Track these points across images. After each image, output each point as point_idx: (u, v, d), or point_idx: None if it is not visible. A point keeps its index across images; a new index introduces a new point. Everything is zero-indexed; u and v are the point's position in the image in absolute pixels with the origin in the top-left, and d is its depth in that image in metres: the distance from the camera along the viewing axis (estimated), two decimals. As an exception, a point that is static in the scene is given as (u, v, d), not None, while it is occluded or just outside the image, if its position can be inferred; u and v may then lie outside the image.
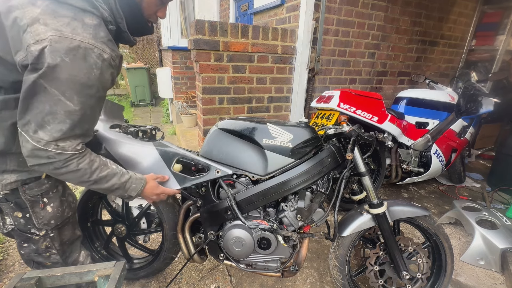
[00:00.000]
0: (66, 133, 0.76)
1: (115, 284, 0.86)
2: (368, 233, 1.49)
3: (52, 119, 0.73)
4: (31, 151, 0.75)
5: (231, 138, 1.27)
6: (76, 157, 0.81)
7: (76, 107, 0.75)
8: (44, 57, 0.68)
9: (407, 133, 2.40)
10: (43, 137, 0.74)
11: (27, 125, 0.73)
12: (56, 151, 0.76)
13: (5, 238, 1.93)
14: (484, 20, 3.80)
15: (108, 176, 0.90)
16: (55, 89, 0.71)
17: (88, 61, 0.73)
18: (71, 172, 0.82)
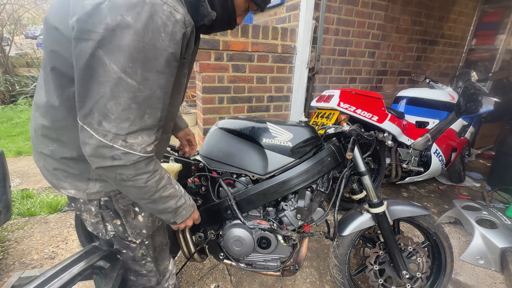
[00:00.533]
0: (135, 123, 0.61)
1: (112, 282, 0.86)
2: (368, 232, 1.49)
3: (115, 106, 0.58)
4: (95, 149, 0.60)
5: (231, 138, 1.27)
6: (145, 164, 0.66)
7: (141, 86, 0.59)
8: (101, 16, 0.54)
9: (407, 133, 2.40)
10: (110, 129, 0.59)
11: (90, 115, 0.59)
12: (123, 150, 0.61)
13: (5, 237, 1.93)
14: (485, 19, 3.79)
15: (169, 197, 0.77)
16: (114, 64, 0.56)
17: (155, 22, 0.57)
18: (136, 188, 0.69)
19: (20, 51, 8.70)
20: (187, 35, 0.65)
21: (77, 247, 1.85)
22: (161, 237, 1.04)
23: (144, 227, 0.92)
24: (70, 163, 0.77)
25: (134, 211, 0.89)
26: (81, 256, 0.90)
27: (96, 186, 0.79)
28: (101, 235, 0.92)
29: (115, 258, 0.98)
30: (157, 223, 0.97)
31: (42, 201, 2.36)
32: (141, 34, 0.56)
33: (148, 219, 0.93)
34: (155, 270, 1.03)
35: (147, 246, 0.97)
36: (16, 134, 4.30)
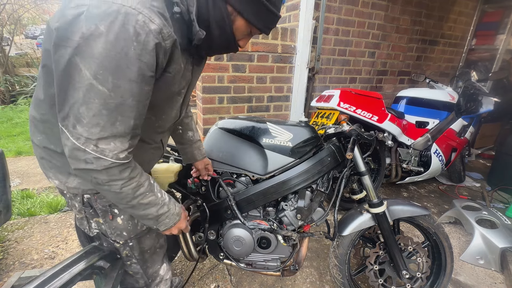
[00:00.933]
0: (106, 129, 0.62)
1: (112, 282, 0.86)
2: (368, 232, 1.49)
3: (86, 110, 0.60)
4: (71, 150, 0.64)
5: (231, 138, 1.27)
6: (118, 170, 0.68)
7: (112, 93, 0.60)
8: (78, 25, 0.56)
9: (407, 133, 2.40)
10: (82, 133, 0.61)
11: (67, 118, 0.61)
12: (94, 154, 0.63)
13: (5, 237, 1.93)
14: (485, 19, 3.79)
15: (149, 204, 0.78)
16: (86, 70, 0.57)
17: (128, 30, 0.57)
18: (112, 193, 0.71)
19: (20, 51, 8.70)
20: (165, 47, 0.65)
21: (77, 247, 1.85)
22: (152, 240, 1.03)
23: (124, 230, 0.92)
24: (54, 154, 0.81)
25: (113, 212, 0.89)
26: (81, 256, 0.90)
27: (75, 182, 0.82)
28: (86, 231, 0.94)
29: (115, 258, 0.98)
30: (139, 228, 0.95)
31: (42, 201, 2.36)
32: (112, 42, 0.57)
33: (128, 223, 0.92)
34: (141, 273, 1.03)
35: (131, 247, 0.97)
36: (16, 134, 4.30)
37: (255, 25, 0.77)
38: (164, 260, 1.12)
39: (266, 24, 0.79)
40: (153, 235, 1.03)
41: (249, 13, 0.73)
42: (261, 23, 0.77)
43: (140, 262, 1.01)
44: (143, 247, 1.00)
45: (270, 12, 0.76)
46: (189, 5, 0.69)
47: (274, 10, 0.76)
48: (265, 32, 0.81)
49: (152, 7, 0.61)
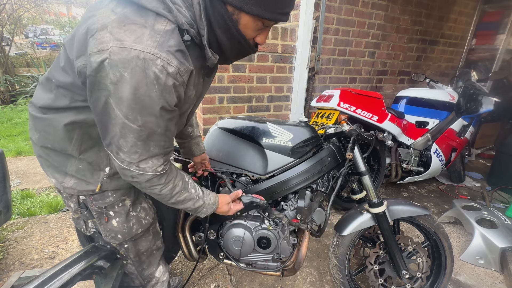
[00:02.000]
0: (144, 154, 0.73)
1: (112, 282, 0.86)
2: (368, 232, 1.49)
3: (124, 143, 0.69)
4: (119, 169, 0.76)
5: (231, 137, 1.27)
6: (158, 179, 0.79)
7: (142, 128, 0.68)
8: (105, 71, 0.61)
9: (407, 133, 2.40)
10: (125, 158, 0.72)
11: (110, 146, 0.72)
12: (138, 172, 0.74)
13: (5, 237, 1.93)
14: (485, 19, 3.79)
15: (185, 200, 0.90)
16: (119, 111, 0.65)
17: (149, 76, 0.62)
18: (154, 194, 0.83)
19: (20, 51, 8.70)
20: (183, 81, 0.70)
21: (77, 247, 1.85)
22: (149, 242, 1.03)
23: (118, 232, 0.92)
24: (51, 153, 0.83)
25: (108, 214, 0.90)
26: (81, 256, 0.90)
27: (71, 182, 0.84)
28: (83, 230, 0.96)
29: (115, 257, 0.98)
30: (134, 231, 0.96)
31: (42, 201, 2.36)
32: (136, 87, 0.62)
33: (123, 225, 0.92)
34: (136, 274, 1.03)
35: (126, 249, 0.97)
36: (16, 134, 4.30)
37: (263, 16, 0.68)
38: (160, 262, 1.12)
39: (276, 10, 0.68)
40: (149, 237, 1.03)
41: (251, 6, 0.65)
42: (269, 11, 0.67)
43: (136, 263, 1.01)
44: (139, 249, 1.00)
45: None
46: (200, 28, 0.69)
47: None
48: (280, 19, 0.71)
49: (170, 48, 0.64)
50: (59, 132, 0.78)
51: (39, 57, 7.75)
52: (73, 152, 0.81)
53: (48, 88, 0.79)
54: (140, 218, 0.98)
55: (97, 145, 0.83)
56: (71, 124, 0.77)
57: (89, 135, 0.81)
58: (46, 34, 14.47)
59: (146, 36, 0.62)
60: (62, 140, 0.79)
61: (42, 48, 10.88)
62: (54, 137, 0.80)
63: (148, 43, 0.61)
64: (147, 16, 0.64)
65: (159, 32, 0.63)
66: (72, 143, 0.80)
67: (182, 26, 0.66)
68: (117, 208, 0.91)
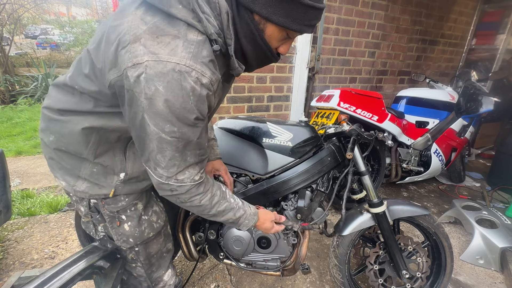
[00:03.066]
0: (181, 166, 0.73)
1: (112, 282, 0.86)
2: (368, 232, 1.49)
3: (162, 157, 0.70)
4: (157, 184, 0.76)
5: (231, 137, 1.27)
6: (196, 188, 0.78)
7: (179, 139, 0.68)
8: (141, 87, 0.61)
9: (407, 132, 2.40)
10: (163, 173, 0.73)
11: (148, 162, 0.73)
12: (176, 184, 0.75)
13: (5, 237, 1.93)
14: (485, 19, 3.79)
15: (225, 210, 0.88)
16: (154, 126, 0.65)
17: (185, 88, 0.62)
18: (194, 207, 0.82)
19: (20, 50, 8.70)
20: (214, 90, 0.70)
21: (77, 247, 1.85)
22: (159, 245, 1.03)
23: (130, 236, 0.92)
24: (64, 156, 0.81)
25: (120, 219, 0.89)
26: (81, 256, 0.90)
27: (83, 186, 0.83)
28: (92, 234, 0.94)
29: (115, 258, 0.98)
30: (146, 235, 0.95)
31: (42, 201, 2.36)
32: (172, 100, 0.62)
33: (135, 229, 0.92)
34: (145, 276, 1.03)
35: (137, 252, 0.97)
36: (16, 134, 4.30)
37: (290, 27, 0.68)
38: (169, 266, 1.11)
39: (303, 22, 0.68)
40: (160, 240, 1.03)
41: (279, 16, 0.65)
42: (296, 23, 0.67)
43: (145, 266, 1.01)
44: (149, 252, 1.00)
45: (306, 7, 0.65)
46: (227, 37, 0.69)
47: (311, 3, 0.65)
48: (306, 31, 0.71)
49: (203, 59, 0.64)
50: (76, 135, 0.77)
51: (39, 57, 7.75)
52: (88, 156, 0.79)
53: (69, 92, 0.78)
54: (152, 222, 0.97)
55: (113, 149, 0.82)
56: (89, 129, 0.76)
57: (106, 139, 0.80)
58: (46, 34, 14.47)
59: (180, 47, 0.62)
60: (78, 144, 0.78)
61: (42, 48, 10.88)
62: (70, 140, 0.78)
63: (183, 55, 0.61)
64: (179, 26, 0.63)
65: (192, 43, 0.63)
66: (88, 147, 0.78)
67: (211, 36, 0.66)
68: (129, 212, 0.90)
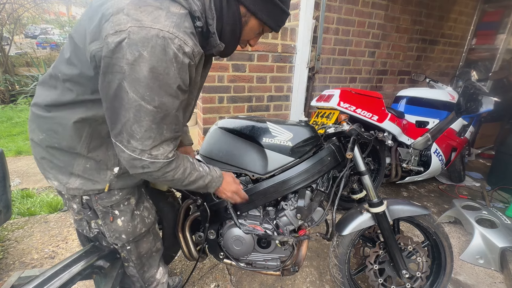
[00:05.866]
0: (157, 139, 0.72)
1: (112, 281, 0.86)
2: (368, 232, 1.49)
3: (138, 128, 0.69)
4: (128, 161, 0.74)
5: (231, 137, 1.27)
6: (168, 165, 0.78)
7: (158, 109, 0.68)
8: (122, 52, 0.61)
9: (407, 132, 2.40)
10: (137, 146, 0.71)
11: (120, 135, 0.71)
12: (150, 160, 0.73)
13: (5, 237, 1.93)
14: (485, 19, 3.79)
15: (196, 179, 0.91)
16: (134, 93, 0.65)
17: (168, 54, 0.64)
18: (168, 181, 0.83)
19: (20, 50, 8.69)
20: (196, 63, 0.73)
21: (77, 247, 1.85)
22: (149, 244, 1.03)
23: (123, 232, 0.92)
24: (56, 153, 0.81)
25: (113, 214, 0.89)
26: (81, 256, 0.90)
27: (76, 182, 0.82)
28: (85, 232, 0.94)
29: (115, 257, 0.98)
30: (139, 230, 0.95)
31: (42, 200, 2.36)
32: (156, 66, 0.63)
33: (128, 224, 0.92)
34: (137, 276, 1.03)
35: (128, 251, 0.97)
36: (16, 134, 4.30)
37: (268, 24, 0.82)
38: (160, 264, 1.12)
39: (277, 23, 0.84)
40: (150, 238, 1.03)
41: (263, 13, 0.78)
42: (274, 22, 0.82)
43: (137, 266, 1.01)
44: (140, 251, 1.00)
45: (282, 11, 0.81)
46: (208, 17, 0.75)
47: (285, 9, 0.81)
48: (277, 30, 0.87)
49: (186, 29, 0.68)
50: (68, 130, 0.77)
51: (39, 56, 7.74)
52: (81, 151, 0.79)
53: (52, 85, 0.78)
54: (144, 217, 0.98)
55: (106, 144, 0.82)
56: (80, 122, 0.76)
57: (99, 133, 0.80)
58: (46, 33, 14.46)
59: (163, 17, 0.64)
60: (71, 138, 0.78)
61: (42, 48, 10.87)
62: (63, 135, 0.78)
63: (166, 23, 0.64)
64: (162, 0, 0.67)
65: (174, 14, 0.66)
66: (81, 141, 0.79)
67: (195, 13, 0.71)
68: (123, 207, 0.91)
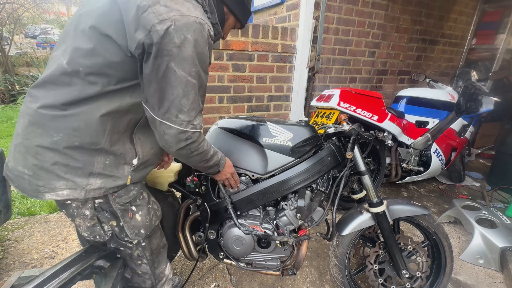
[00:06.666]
0: (197, 109, 0.82)
1: (112, 281, 0.86)
2: (368, 232, 1.49)
3: (186, 101, 0.77)
4: (174, 136, 0.80)
5: (231, 137, 1.27)
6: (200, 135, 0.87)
7: (199, 83, 0.79)
8: (170, 37, 0.70)
9: (407, 132, 2.40)
10: (184, 119, 0.79)
11: (168, 112, 0.77)
12: (192, 130, 0.82)
13: (5, 237, 1.93)
14: (485, 19, 3.79)
15: (213, 154, 0.99)
16: (182, 71, 0.74)
17: (204, 36, 0.76)
18: (199, 154, 0.90)
19: (20, 50, 8.69)
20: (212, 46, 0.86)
21: (77, 247, 1.85)
22: (158, 239, 1.05)
23: (142, 227, 0.93)
24: (75, 153, 0.76)
25: (132, 210, 0.90)
26: (81, 256, 0.90)
27: (98, 182, 0.80)
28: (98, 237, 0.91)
29: (115, 257, 0.98)
30: (154, 223, 0.98)
31: (42, 200, 2.36)
32: (196, 45, 0.75)
33: (146, 218, 0.94)
34: (150, 273, 1.03)
35: (143, 247, 0.98)
36: (16, 134, 4.30)
37: (241, 21, 1.02)
38: (167, 259, 1.14)
39: (246, 21, 1.04)
40: (158, 234, 1.04)
41: (240, 14, 0.98)
42: (244, 20, 1.03)
43: (150, 262, 1.02)
44: (152, 247, 1.01)
45: (249, 12, 1.02)
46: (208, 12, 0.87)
47: (251, 10, 1.02)
48: (243, 27, 1.08)
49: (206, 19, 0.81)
50: (94, 125, 0.76)
51: (39, 56, 7.74)
52: (105, 145, 0.78)
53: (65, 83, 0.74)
54: (155, 209, 1.01)
55: (122, 138, 0.84)
56: (106, 115, 0.76)
57: (118, 127, 0.81)
58: (46, 33, 14.45)
59: (192, 8, 0.77)
60: (96, 133, 0.77)
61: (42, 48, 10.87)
62: (86, 132, 0.75)
63: (197, 12, 0.77)
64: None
65: (197, 6, 0.80)
66: (105, 135, 0.78)
67: (204, 7, 0.84)
68: (139, 202, 0.93)
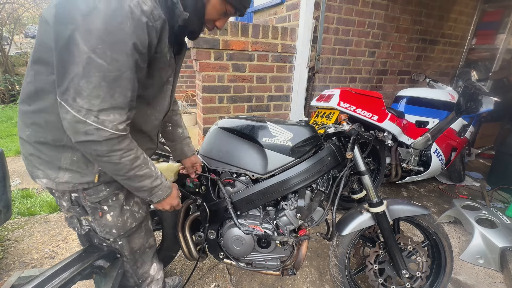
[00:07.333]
0: (106, 100, 0.65)
1: (112, 281, 0.86)
2: (368, 232, 1.49)
3: (86, 84, 0.62)
4: (70, 123, 0.66)
5: (231, 137, 1.27)
6: (117, 141, 0.70)
7: (110, 66, 0.63)
8: (76, 3, 0.60)
9: (407, 132, 2.40)
10: (83, 105, 0.63)
11: (66, 92, 0.63)
12: (95, 125, 0.65)
13: (5, 237, 1.93)
14: (485, 19, 3.78)
15: (144, 176, 0.81)
16: (85, 45, 0.60)
17: (124, 8, 0.61)
18: (111, 164, 0.73)
19: (20, 50, 8.69)
20: (156, 27, 0.68)
21: (77, 247, 1.85)
22: (141, 240, 1.03)
23: (113, 227, 0.91)
24: (43, 148, 0.78)
25: (102, 209, 0.89)
26: (80, 256, 0.90)
27: (65, 176, 0.80)
28: (76, 229, 0.93)
29: (115, 257, 0.98)
30: (129, 225, 0.95)
31: (42, 200, 2.36)
32: (110, 18, 0.60)
33: (117, 219, 0.91)
34: (131, 272, 1.03)
35: (120, 246, 0.96)
36: (16, 134, 4.30)
37: (230, 2, 0.80)
38: (154, 260, 1.11)
39: (241, 2, 0.82)
40: (141, 234, 1.02)
41: None
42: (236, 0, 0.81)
43: (130, 261, 1.01)
44: (132, 247, 1.00)
45: None
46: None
47: None
48: (241, 11, 0.85)
49: None
50: (53, 122, 0.74)
51: (39, 56, 7.72)
52: (68, 141, 0.76)
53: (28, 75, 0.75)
54: (134, 212, 0.97)
55: None
56: None
57: None
58: (46, 33, 14.41)
59: None
60: (57, 130, 0.75)
61: (42, 48, 10.83)
62: (47, 129, 0.76)
63: None
64: None
65: None
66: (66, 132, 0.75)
67: None
68: (111, 202, 0.90)
